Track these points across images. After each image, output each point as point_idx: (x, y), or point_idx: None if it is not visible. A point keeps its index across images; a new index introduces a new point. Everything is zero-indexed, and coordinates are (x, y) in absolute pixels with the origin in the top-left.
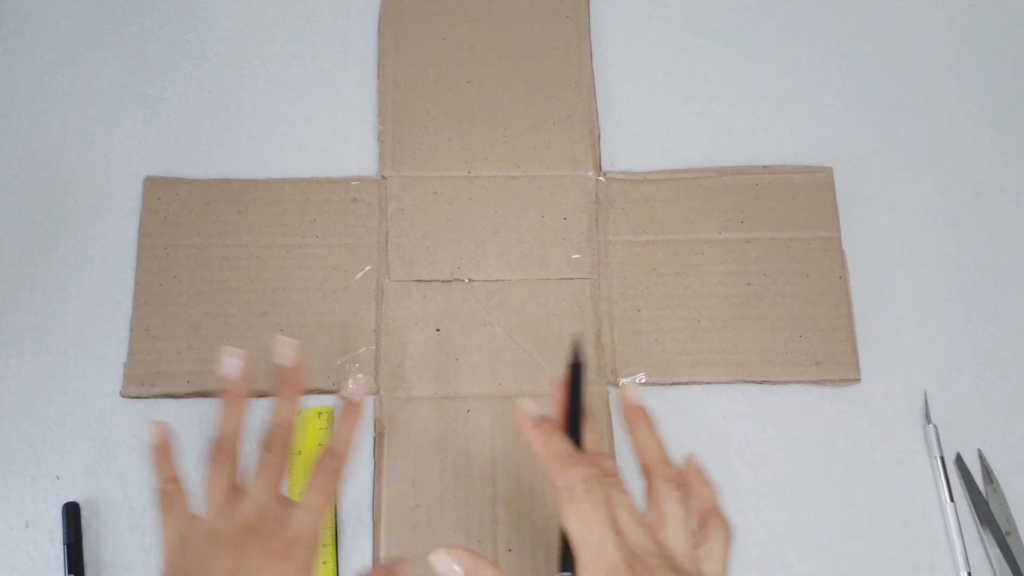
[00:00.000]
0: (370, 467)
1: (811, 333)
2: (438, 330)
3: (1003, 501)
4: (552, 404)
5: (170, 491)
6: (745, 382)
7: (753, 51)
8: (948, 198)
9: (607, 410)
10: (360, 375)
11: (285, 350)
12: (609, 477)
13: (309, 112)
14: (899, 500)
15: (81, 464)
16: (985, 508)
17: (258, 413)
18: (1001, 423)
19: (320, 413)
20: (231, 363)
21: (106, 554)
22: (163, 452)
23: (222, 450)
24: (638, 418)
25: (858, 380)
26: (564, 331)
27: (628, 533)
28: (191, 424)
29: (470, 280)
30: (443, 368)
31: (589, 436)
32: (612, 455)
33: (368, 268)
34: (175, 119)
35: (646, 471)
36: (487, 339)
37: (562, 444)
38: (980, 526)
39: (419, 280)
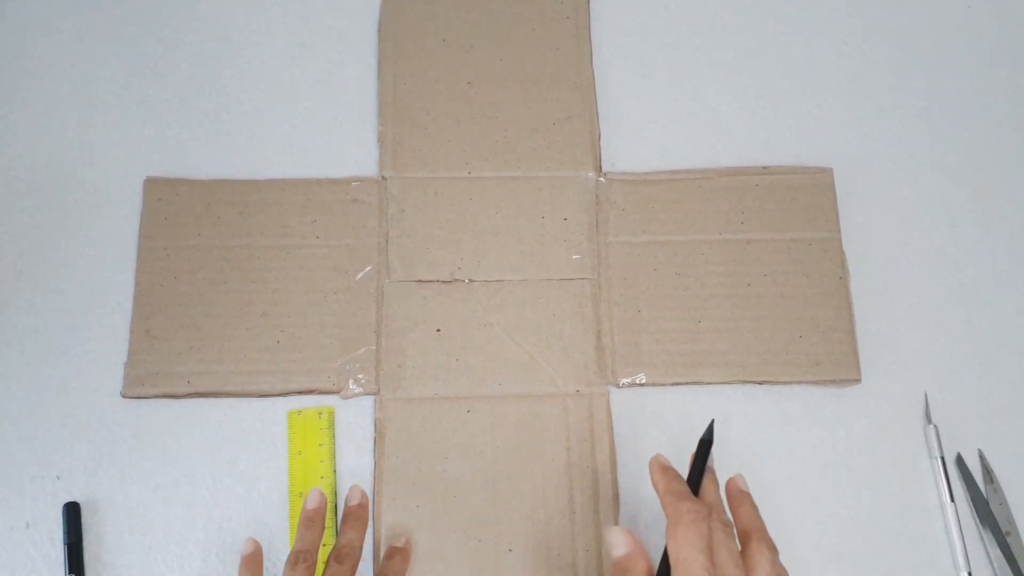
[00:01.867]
0: (370, 467)
1: (811, 333)
2: (438, 330)
3: (1003, 501)
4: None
5: None
6: (745, 382)
7: (753, 51)
8: (948, 198)
9: (607, 410)
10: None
11: (354, 494)
12: (721, 523)
13: (309, 113)
14: (899, 500)
15: (81, 464)
16: (985, 508)
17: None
18: (1001, 423)
19: (320, 413)
20: (314, 496)
21: (106, 554)
22: (252, 563)
23: (299, 558)
24: (743, 500)
25: (858, 380)
26: (564, 331)
27: (721, 565)
28: (191, 425)
29: (470, 280)
30: (443, 368)
31: (710, 489)
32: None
33: (368, 269)
34: (175, 120)
35: (745, 534)
36: (487, 339)
37: (680, 485)
38: (980, 526)
39: (419, 280)
